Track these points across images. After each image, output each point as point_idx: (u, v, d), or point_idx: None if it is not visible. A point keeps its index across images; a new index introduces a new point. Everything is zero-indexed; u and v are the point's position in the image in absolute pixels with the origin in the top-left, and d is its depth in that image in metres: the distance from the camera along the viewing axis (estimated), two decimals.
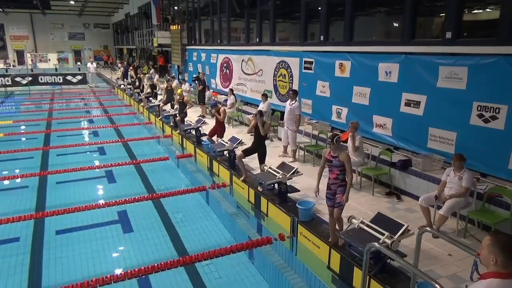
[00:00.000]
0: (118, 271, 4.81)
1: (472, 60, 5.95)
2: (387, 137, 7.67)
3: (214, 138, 9.12)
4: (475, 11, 7.40)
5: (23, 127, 13.55)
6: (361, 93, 8.22)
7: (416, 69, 6.89)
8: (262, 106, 10.11)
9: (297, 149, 8.78)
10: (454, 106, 6.22)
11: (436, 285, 2.73)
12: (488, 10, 7.32)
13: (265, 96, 10.53)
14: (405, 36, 7.26)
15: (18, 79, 22.64)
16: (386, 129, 7.66)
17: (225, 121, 9.49)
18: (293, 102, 8.58)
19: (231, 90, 13.02)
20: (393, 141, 7.53)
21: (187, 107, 11.39)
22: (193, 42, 19.50)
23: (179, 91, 11.91)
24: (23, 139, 12.08)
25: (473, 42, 6.26)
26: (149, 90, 15.96)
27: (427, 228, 3.92)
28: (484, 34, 6.83)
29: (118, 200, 6.88)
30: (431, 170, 6.34)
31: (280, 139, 9.76)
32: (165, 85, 14.45)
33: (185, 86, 15.23)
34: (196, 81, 15.54)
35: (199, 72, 16.68)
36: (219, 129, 9.09)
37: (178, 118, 11.14)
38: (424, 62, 6.75)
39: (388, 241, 4.10)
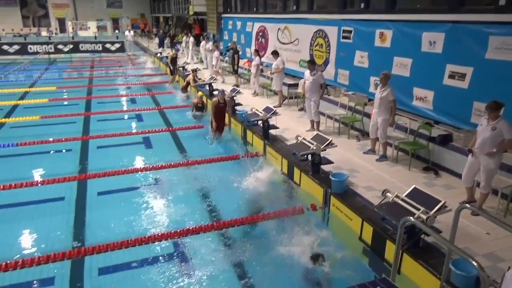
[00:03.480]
0: (155, 232, 5.04)
1: None
2: (427, 111, 7.36)
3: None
4: None
5: (65, 93, 14.11)
6: (401, 64, 7.87)
7: (463, 39, 6.48)
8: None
9: (320, 121, 8.57)
10: (504, 79, 5.84)
11: (473, 262, 2.67)
12: None
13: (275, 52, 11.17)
14: (452, 2, 6.80)
15: (60, 46, 23.42)
16: (427, 102, 7.34)
17: (257, 91, 10.08)
18: (314, 72, 8.35)
19: (256, 50, 12.75)
20: (434, 115, 7.23)
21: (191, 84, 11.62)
22: (228, 10, 19.21)
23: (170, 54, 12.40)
24: (66, 104, 12.58)
25: None
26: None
27: (467, 205, 3.78)
28: None
29: (154, 165, 7.14)
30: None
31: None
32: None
33: (209, 45, 16.30)
34: (229, 50, 15.41)
35: (232, 41, 16.49)
36: (221, 124, 8.72)
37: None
38: (472, 31, 6.32)
39: (424, 216, 4.02)
